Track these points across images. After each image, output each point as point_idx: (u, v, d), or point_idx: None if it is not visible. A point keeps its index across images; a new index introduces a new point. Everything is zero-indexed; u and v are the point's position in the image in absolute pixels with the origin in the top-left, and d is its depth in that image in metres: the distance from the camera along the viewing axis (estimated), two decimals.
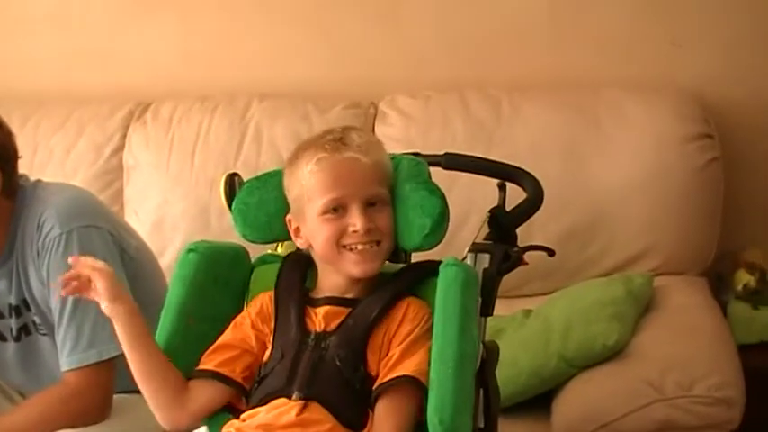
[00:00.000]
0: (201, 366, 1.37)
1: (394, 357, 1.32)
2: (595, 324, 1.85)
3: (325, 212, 1.35)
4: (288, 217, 1.42)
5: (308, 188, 1.36)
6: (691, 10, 2.38)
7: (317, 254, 1.40)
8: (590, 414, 1.73)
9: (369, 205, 1.35)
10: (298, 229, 1.40)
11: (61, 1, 2.67)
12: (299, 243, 1.42)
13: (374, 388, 1.31)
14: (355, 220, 1.34)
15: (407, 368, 1.30)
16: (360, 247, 1.35)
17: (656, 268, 2.20)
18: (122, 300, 1.37)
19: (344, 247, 1.35)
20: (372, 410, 1.31)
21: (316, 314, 1.37)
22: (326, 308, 1.37)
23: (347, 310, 1.36)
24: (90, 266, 1.37)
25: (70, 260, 1.39)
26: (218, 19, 2.60)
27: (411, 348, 1.32)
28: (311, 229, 1.38)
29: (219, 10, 2.60)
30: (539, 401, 1.85)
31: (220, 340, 1.39)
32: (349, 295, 1.38)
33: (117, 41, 2.65)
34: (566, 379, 1.84)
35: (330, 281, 1.40)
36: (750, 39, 2.37)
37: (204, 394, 1.36)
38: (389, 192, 1.38)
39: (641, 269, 2.19)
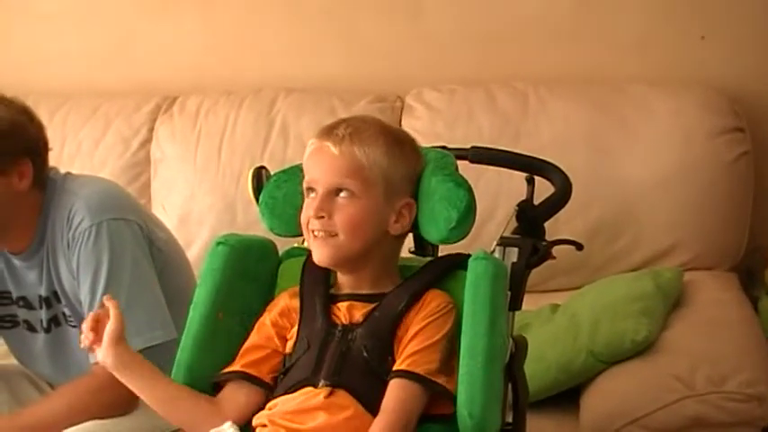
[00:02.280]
0: (231, 368, 1.37)
1: (408, 339, 1.31)
2: (624, 319, 1.84)
3: (306, 194, 1.38)
4: None
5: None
6: (718, 3, 2.36)
7: None
8: (619, 410, 1.72)
9: (334, 195, 1.35)
10: None
11: None
12: None
13: (392, 370, 1.31)
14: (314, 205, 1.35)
15: (420, 365, 1.30)
16: (315, 232, 1.35)
17: (685, 263, 2.18)
18: (125, 346, 1.37)
19: (312, 231, 1.36)
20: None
21: (339, 308, 1.38)
22: (348, 302, 1.37)
23: (371, 305, 1.36)
24: (115, 305, 1.37)
25: (104, 300, 1.39)
26: (245, 13, 2.61)
27: (425, 330, 1.31)
28: None
29: (246, 4, 2.60)
30: (567, 396, 1.84)
31: (247, 343, 1.39)
32: (367, 291, 1.38)
33: (144, 36, 2.67)
34: (594, 374, 1.83)
35: (342, 277, 1.40)
36: None
37: (235, 400, 1.36)
38: (371, 184, 1.34)
39: (670, 264, 2.17)
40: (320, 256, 1.36)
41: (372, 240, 1.36)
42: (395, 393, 1.29)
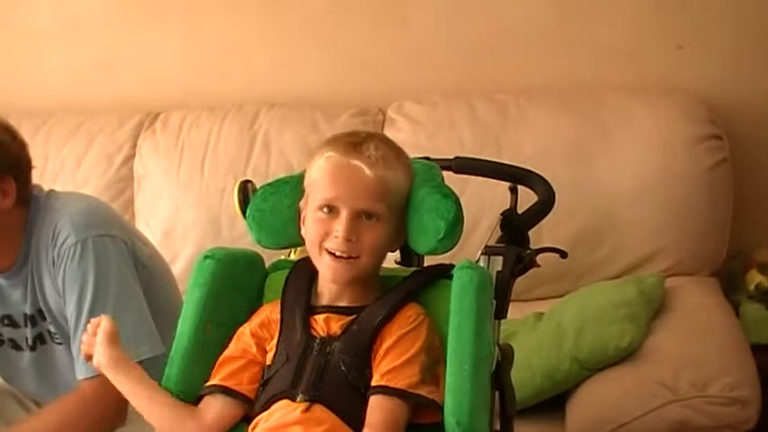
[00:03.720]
0: (209, 382, 1.37)
1: (381, 355, 1.32)
2: (608, 326, 1.85)
3: (319, 209, 1.36)
4: (300, 203, 1.42)
5: (314, 180, 1.38)
6: (695, 13, 2.39)
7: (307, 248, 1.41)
8: (604, 416, 1.73)
9: (361, 218, 1.35)
10: (304, 218, 1.41)
11: (70, 14, 2.69)
12: (302, 232, 1.42)
13: (370, 387, 1.31)
14: (340, 226, 1.34)
15: (400, 378, 1.30)
16: (338, 253, 1.35)
17: (666, 270, 2.20)
18: (118, 347, 1.40)
19: (326, 249, 1.36)
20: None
21: (316, 321, 1.38)
22: (326, 315, 1.38)
23: (349, 318, 1.36)
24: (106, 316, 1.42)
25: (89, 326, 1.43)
26: (226, 29, 2.62)
27: (398, 345, 1.32)
28: (307, 222, 1.39)
29: (227, 20, 2.61)
30: (553, 404, 1.85)
31: (223, 355, 1.39)
32: (345, 303, 1.38)
33: (125, 53, 2.67)
34: (579, 381, 1.84)
35: (325, 287, 1.40)
36: (755, 40, 2.38)
37: (215, 412, 1.36)
38: (392, 209, 1.36)
39: (652, 271, 2.19)
40: (341, 276, 1.36)
41: (383, 261, 1.39)
42: (380, 410, 1.29)
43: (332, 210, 1.35)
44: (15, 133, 1.71)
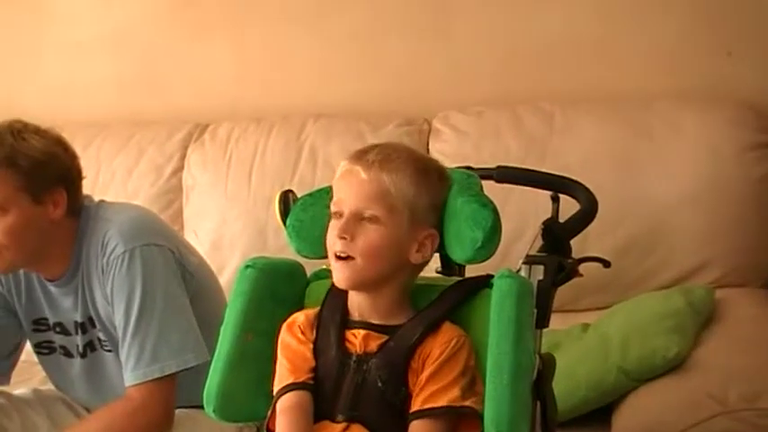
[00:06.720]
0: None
1: (422, 381, 1.32)
2: (655, 336, 1.83)
3: (332, 216, 1.39)
4: None
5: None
6: (744, 19, 2.36)
7: None
8: (651, 427, 1.71)
9: (360, 220, 1.36)
10: None
11: (118, 28, 2.75)
12: None
13: (409, 414, 1.31)
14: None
15: (441, 399, 1.30)
16: (337, 253, 1.36)
17: (715, 281, 2.17)
18: None
19: (334, 253, 1.37)
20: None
21: (355, 336, 1.38)
22: (364, 332, 1.38)
23: (385, 337, 1.36)
24: None
25: None
26: (272, 41, 2.65)
27: (439, 372, 1.32)
28: None
29: (273, 32, 2.65)
30: (598, 415, 1.83)
31: (289, 363, 1.37)
32: (379, 321, 1.37)
33: (174, 65, 2.72)
34: (625, 392, 1.82)
35: (354, 300, 1.40)
36: None
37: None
38: (394, 212, 1.35)
39: (700, 282, 2.16)
40: (338, 278, 1.37)
41: (390, 267, 1.37)
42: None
43: (340, 215, 1.38)
44: (67, 145, 1.75)
